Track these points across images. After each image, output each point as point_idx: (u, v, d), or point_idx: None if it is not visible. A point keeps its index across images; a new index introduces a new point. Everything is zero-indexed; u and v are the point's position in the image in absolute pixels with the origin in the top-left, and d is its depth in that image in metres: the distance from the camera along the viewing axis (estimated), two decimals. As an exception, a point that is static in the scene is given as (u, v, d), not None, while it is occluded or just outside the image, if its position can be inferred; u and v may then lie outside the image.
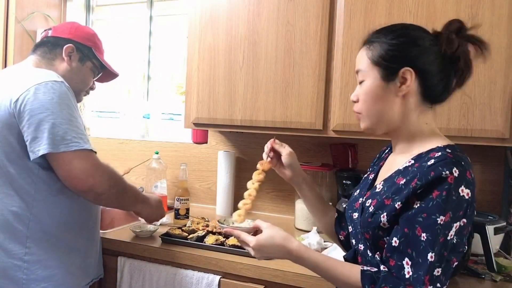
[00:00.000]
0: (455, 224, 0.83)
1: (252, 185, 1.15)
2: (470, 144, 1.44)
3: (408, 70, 0.90)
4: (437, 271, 0.83)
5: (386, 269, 0.86)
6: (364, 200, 0.99)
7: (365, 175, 1.13)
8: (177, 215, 1.84)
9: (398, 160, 0.97)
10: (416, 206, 0.84)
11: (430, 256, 0.81)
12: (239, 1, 1.72)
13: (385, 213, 0.89)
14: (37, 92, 1.16)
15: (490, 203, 1.71)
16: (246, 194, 1.13)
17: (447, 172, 0.82)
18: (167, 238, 1.56)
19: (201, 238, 1.55)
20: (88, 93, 1.52)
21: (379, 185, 0.97)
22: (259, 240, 0.97)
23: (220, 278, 1.42)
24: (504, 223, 1.46)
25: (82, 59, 1.41)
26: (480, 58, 0.92)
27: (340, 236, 1.17)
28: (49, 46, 1.37)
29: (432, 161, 0.85)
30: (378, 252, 0.92)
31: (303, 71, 1.63)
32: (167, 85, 2.46)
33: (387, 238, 0.90)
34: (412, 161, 0.92)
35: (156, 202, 1.46)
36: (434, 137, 0.94)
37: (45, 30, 1.44)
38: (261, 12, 1.68)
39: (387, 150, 1.11)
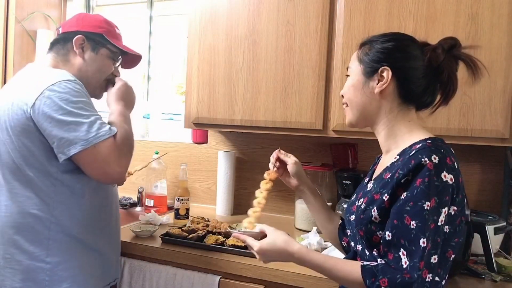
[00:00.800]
0: (443, 210, 0.86)
1: (260, 194, 1.21)
2: (470, 144, 1.44)
3: (385, 69, 0.97)
4: (434, 258, 0.84)
5: (383, 262, 0.88)
6: (357, 200, 1.02)
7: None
8: (177, 215, 1.84)
9: (386, 159, 1.01)
10: (403, 197, 0.87)
11: (423, 242, 0.83)
12: (239, 1, 1.72)
13: (375, 207, 0.92)
14: (52, 94, 1.14)
15: (490, 203, 1.71)
16: (255, 202, 1.19)
17: (426, 159, 0.86)
18: (167, 238, 1.56)
19: (201, 238, 1.55)
20: (113, 83, 1.40)
21: (370, 184, 1.02)
22: (262, 245, 1.01)
23: (220, 278, 1.42)
24: (504, 223, 1.46)
25: (94, 47, 1.34)
26: (472, 78, 0.97)
27: (343, 243, 1.19)
28: (61, 43, 1.34)
29: (413, 152, 0.90)
30: (375, 249, 0.93)
31: (303, 71, 1.63)
32: (167, 85, 2.47)
33: (380, 232, 0.92)
34: (398, 157, 0.96)
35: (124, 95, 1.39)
36: (417, 133, 0.98)
37: (57, 29, 1.41)
38: (261, 12, 1.69)
39: (380, 155, 1.14)
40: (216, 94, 1.77)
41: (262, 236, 1.06)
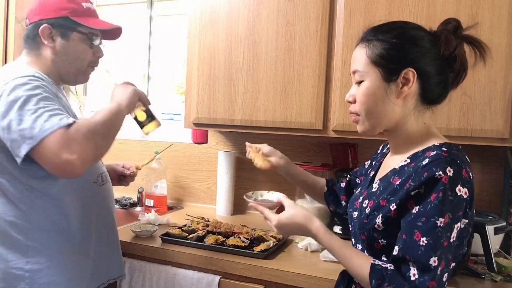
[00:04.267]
0: (456, 226, 0.82)
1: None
2: (470, 144, 1.44)
3: (411, 71, 0.89)
4: (445, 276, 0.82)
5: (393, 268, 0.84)
6: (362, 199, 0.99)
7: (366, 171, 1.15)
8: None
9: (395, 159, 0.97)
10: (415, 211, 0.83)
11: (433, 261, 0.80)
12: (239, 1, 1.72)
13: (380, 215, 0.89)
14: (1, 96, 1.06)
15: (490, 203, 1.71)
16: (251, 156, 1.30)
17: (440, 172, 0.81)
18: (167, 238, 1.56)
19: (201, 238, 1.55)
20: (95, 66, 1.31)
21: (375, 184, 0.97)
22: (280, 219, 1.00)
23: (220, 278, 1.42)
24: (504, 223, 1.46)
25: (64, 34, 1.22)
26: (479, 60, 0.91)
27: (330, 208, 1.23)
28: (31, 36, 1.23)
29: (427, 160, 0.85)
30: (384, 255, 0.90)
31: (303, 71, 1.63)
32: (167, 85, 2.46)
33: (382, 240, 0.89)
34: (408, 160, 0.91)
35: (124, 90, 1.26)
36: (431, 136, 0.93)
37: (25, 19, 1.28)
38: (261, 12, 1.68)
39: (388, 145, 1.11)
40: (216, 94, 1.77)
41: (279, 206, 1.05)
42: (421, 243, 0.81)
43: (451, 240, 0.82)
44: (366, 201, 0.96)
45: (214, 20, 1.77)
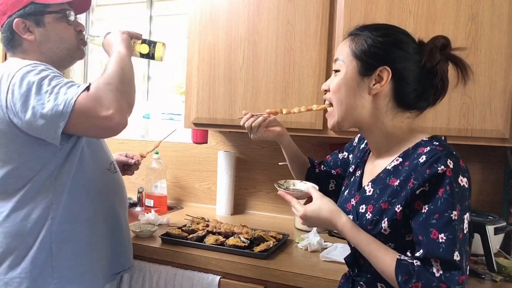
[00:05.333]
0: (465, 216, 0.83)
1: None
2: (470, 144, 1.44)
3: (385, 69, 0.90)
4: (468, 269, 0.82)
5: (419, 263, 0.83)
6: (355, 204, 0.98)
7: (346, 164, 1.16)
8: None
9: (383, 159, 0.97)
10: (425, 210, 0.83)
11: (456, 255, 0.80)
12: (239, 1, 1.72)
13: (386, 219, 0.88)
14: (14, 90, 1.05)
15: (490, 203, 1.71)
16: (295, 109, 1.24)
17: (442, 166, 0.82)
18: (167, 238, 1.56)
19: (201, 238, 1.55)
20: (83, 41, 1.29)
21: (367, 187, 0.97)
22: (306, 211, 0.97)
23: (220, 278, 1.42)
24: (504, 223, 1.46)
25: (37, 21, 1.19)
26: (461, 82, 0.93)
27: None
28: (8, 37, 1.21)
29: (424, 158, 0.85)
30: (409, 250, 0.89)
31: (303, 71, 1.63)
32: (167, 85, 2.46)
33: (390, 244, 0.89)
34: (400, 159, 0.92)
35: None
36: (414, 132, 0.94)
37: None
38: (261, 12, 1.68)
39: (365, 141, 1.11)
40: (216, 94, 1.77)
41: (307, 197, 1.03)
42: (440, 240, 0.81)
43: (465, 232, 0.82)
44: (363, 206, 0.95)
45: (214, 20, 1.77)
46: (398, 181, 0.89)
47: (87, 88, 1.05)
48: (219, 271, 1.43)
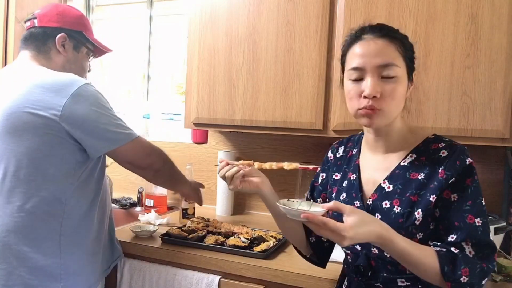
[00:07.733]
0: (484, 205, 0.90)
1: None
2: (470, 144, 1.44)
3: (416, 73, 0.97)
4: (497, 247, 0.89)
5: (453, 249, 0.86)
6: (372, 202, 0.97)
7: (336, 176, 1.10)
8: (185, 215, 1.87)
9: (391, 157, 0.98)
10: (456, 198, 0.89)
11: (490, 237, 0.88)
12: (239, 1, 1.72)
13: (419, 210, 0.90)
14: (79, 99, 1.18)
15: (490, 203, 1.69)
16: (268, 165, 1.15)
17: (468, 158, 0.91)
18: (167, 238, 1.56)
19: (201, 238, 1.55)
20: (86, 78, 1.44)
21: (384, 184, 0.96)
22: (348, 225, 0.79)
23: (220, 278, 1.42)
24: (504, 223, 1.46)
25: (76, 46, 1.37)
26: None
27: (311, 239, 1.13)
28: (40, 39, 1.31)
29: (446, 152, 0.92)
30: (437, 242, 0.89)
31: (303, 71, 1.63)
32: (167, 85, 2.46)
33: (420, 234, 0.90)
34: (414, 155, 0.95)
35: (195, 184, 1.61)
36: (415, 130, 1.00)
37: (29, 20, 1.34)
38: (261, 12, 1.68)
39: (347, 149, 1.12)
40: (216, 94, 1.77)
41: (325, 214, 0.84)
42: (477, 224, 0.86)
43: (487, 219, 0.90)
44: (387, 202, 0.94)
45: (214, 20, 1.77)
46: (422, 174, 0.92)
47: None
48: (219, 271, 1.43)
